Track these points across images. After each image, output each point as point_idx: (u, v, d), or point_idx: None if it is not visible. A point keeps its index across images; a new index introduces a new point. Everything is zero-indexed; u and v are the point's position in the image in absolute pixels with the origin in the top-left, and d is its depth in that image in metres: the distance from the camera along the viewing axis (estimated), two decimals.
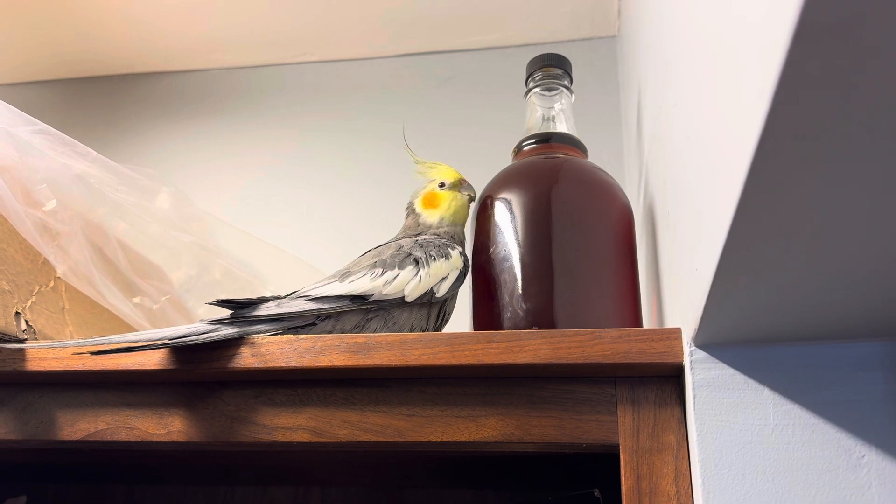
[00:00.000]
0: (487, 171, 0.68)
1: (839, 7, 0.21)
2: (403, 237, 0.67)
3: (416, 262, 0.61)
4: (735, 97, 0.32)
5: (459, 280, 0.63)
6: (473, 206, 0.68)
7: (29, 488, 0.85)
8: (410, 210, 0.69)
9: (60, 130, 0.68)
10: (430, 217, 0.67)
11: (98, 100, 1.16)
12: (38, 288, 0.63)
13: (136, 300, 0.72)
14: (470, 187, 0.69)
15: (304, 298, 0.57)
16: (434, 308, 0.62)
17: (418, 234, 0.66)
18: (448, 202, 0.68)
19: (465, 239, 0.68)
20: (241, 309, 0.55)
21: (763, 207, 0.32)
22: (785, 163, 0.30)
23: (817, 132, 0.28)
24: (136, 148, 1.13)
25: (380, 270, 0.60)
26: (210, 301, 0.55)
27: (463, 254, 0.64)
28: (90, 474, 0.83)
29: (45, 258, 0.64)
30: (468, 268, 0.64)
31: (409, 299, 0.59)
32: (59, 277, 0.66)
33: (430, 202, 0.68)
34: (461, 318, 0.68)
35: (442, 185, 0.69)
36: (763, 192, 0.31)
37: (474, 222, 0.66)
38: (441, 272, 0.61)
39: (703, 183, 0.40)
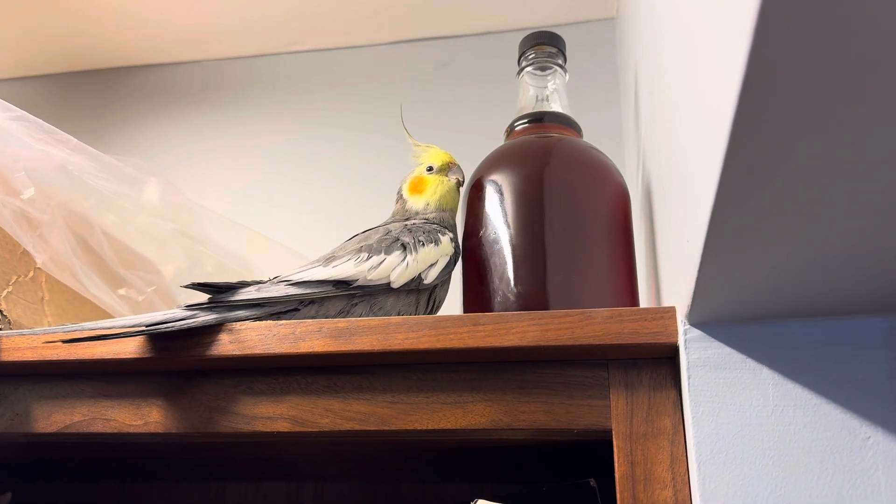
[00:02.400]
0: (485, 156, 0.66)
1: None
2: (392, 222, 0.65)
3: (404, 247, 0.59)
4: (716, 50, 0.29)
5: (449, 267, 0.60)
6: (464, 188, 0.66)
7: (18, 486, 0.83)
8: (399, 195, 0.67)
9: (53, 125, 0.67)
10: (417, 203, 0.65)
11: (89, 93, 1.15)
12: (15, 278, 0.61)
13: (122, 292, 0.70)
14: (459, 171, 0.67)
15: (286, 283, 0.55)
16: (423, 295, 0.59)
17: (406, 220, 0.64)
18: (434, 187, 0.65)
19: (455, 225, 0.65)
20: (219, 293, 0.53)
21: (748, 171, 0.30)
22: (766, 122, 0.27)
23: (802, 88, 0.25)
24: (129, 141, 1.11)
25: (365, 255, 0.58)
26: (186, 284, 0.53)
27: (454, 240, 0.62)
28: (80, 471, 0.82)
29: (24, 248, 0.62)
30: (459, 254, 0.62)
31: (394, 285, 0.57)
32: (39, 268, 0.64)
33: (417, 187, 0.66)
34: (452, 304, 0.65)
35: (430, 168, 0.66)
36: (747, 153, 0.29)
37: (465, 205, 0.64)
38: (430, 258, 0.59)
39: (690, 151, 0.38)
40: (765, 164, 0.30)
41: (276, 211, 1.03)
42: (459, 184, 0.67)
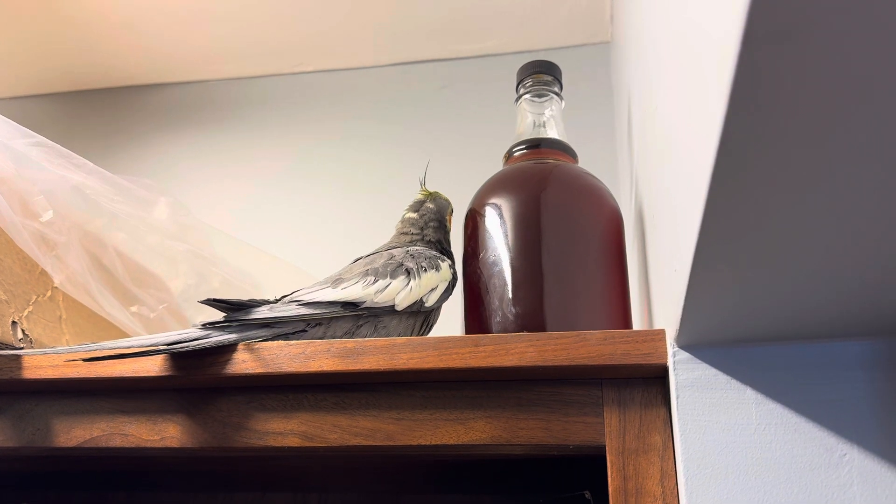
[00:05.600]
0: (487, 175, 0.69)
1: (783, 13, 0.22)
2: (395, 246, 0.68)
3: (408, 272, 0.62)
4: (699, 93, 0.32)
5: (448, 291, 0.65)
6: (465, 212, 0.69)
7: (30, 496, 0.86)
8: (440, 224, 0.71)
9: (61, 143, 0.69)
10: (445, 236, 0.71)
11: (98, 112, 1.18)
12: (35, 297, 0.64)
13: (134, 309, 0.73)
14: None
15: (297, 303, 0.58)
16: (420, 317, 0.63)
17: (408, 244, 0.68)
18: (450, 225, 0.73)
19: (452, 253, 0.70)
20: (233, 311, 0.56)
21: (731, 206, 0.33)
22: (747, 160, 0.30)
23: (780, 125, 0.28)
24: (137, 159, 1.14)
25: (372, 278, 0.61)
26: (202, 300, 0.55)
27: (452, 266, 0.66)
28: (90, 482, 0.84)
29: (42, 268, 0.65)
30: (456, 280, 0.66)
31: (398, 308, 0.60)
32: (56, 287, 0.66)
33: (449, 222, 0.73)
34: (453, 324, 0.68)
35: (451, 211, 0.73)
36: (729, 190, 0.32)
37: (465, 227, 0.67)
38: (431, 283, 0.63)
39: (677, 183, 0.41)
40: (750, 197, 0.33)
41: (280, 229, 1.06)
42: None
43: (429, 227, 0.70)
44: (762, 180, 0.31)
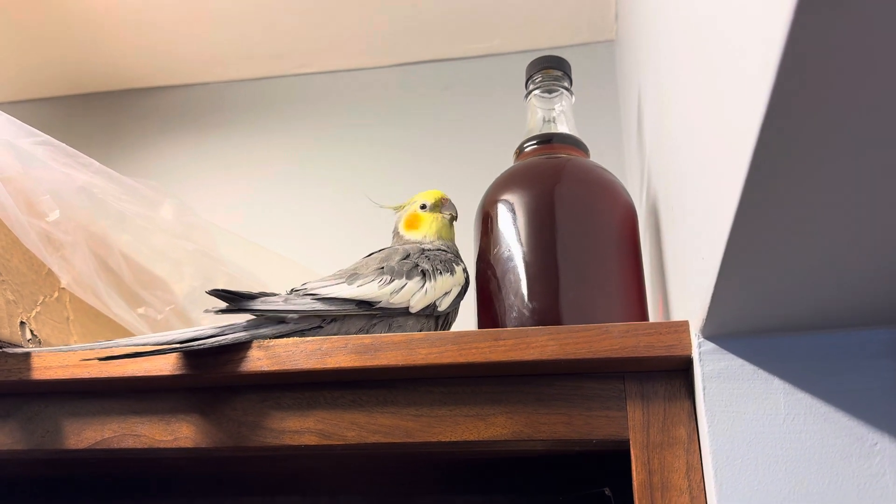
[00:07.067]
0: (491, 175, 0.68)
1: None
2: (410, 243, 0.67)
3: (424, 274, 0.62)
4: (736, 84, 0.32)
5: (461, 296, 0.64)
6: (477, 208, 0.68)
7: (38, 503, 0.85)
8: (395, 233, 0.70)
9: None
10: (414, 236, 0.68)
11: (101, 115, 1.17)
12: (42, 298, 0.63)
13: (141, 310, 0.72)
14: (451, 206, 0.70)
15: (312, 297, 0.57)
16: (440, 318, 0.62)
17: (427, 241, 0.67)
18: (429, 223, 0.69)
19: (460, 255, 0.68)
20: (240, 301, 0.54)
21: (767, 196, 0.32)
22: (787, 149, 0.30)
23: (820, 117, 0.28)
24: (140, 162, 1.13)
25: (388, 277, 0.60)
26: (209, 290, 0.54)
27: (465, 270, 0.65)
28: (97, 489, 0.83)
29: (49, 269, 0.64)
30: (469, 284, 0.65)
31: (413, 310, 0.60)
32: (63, 288, 0.65)
33: (413, 224, 0.69)
34: (467, 321, 0.67)
35: (423, 206, 0.69)
36: (766, 180, 0.31)
37: (478, 224, 0.66)
38: (445, 287, 0.62)
39: (707, 174, 0.40)
40: (783, 187, 0.32)
41: (284, 232, 1.05)
42: (453, 219, 0.70)
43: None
44: (798, 171, 0.30)
